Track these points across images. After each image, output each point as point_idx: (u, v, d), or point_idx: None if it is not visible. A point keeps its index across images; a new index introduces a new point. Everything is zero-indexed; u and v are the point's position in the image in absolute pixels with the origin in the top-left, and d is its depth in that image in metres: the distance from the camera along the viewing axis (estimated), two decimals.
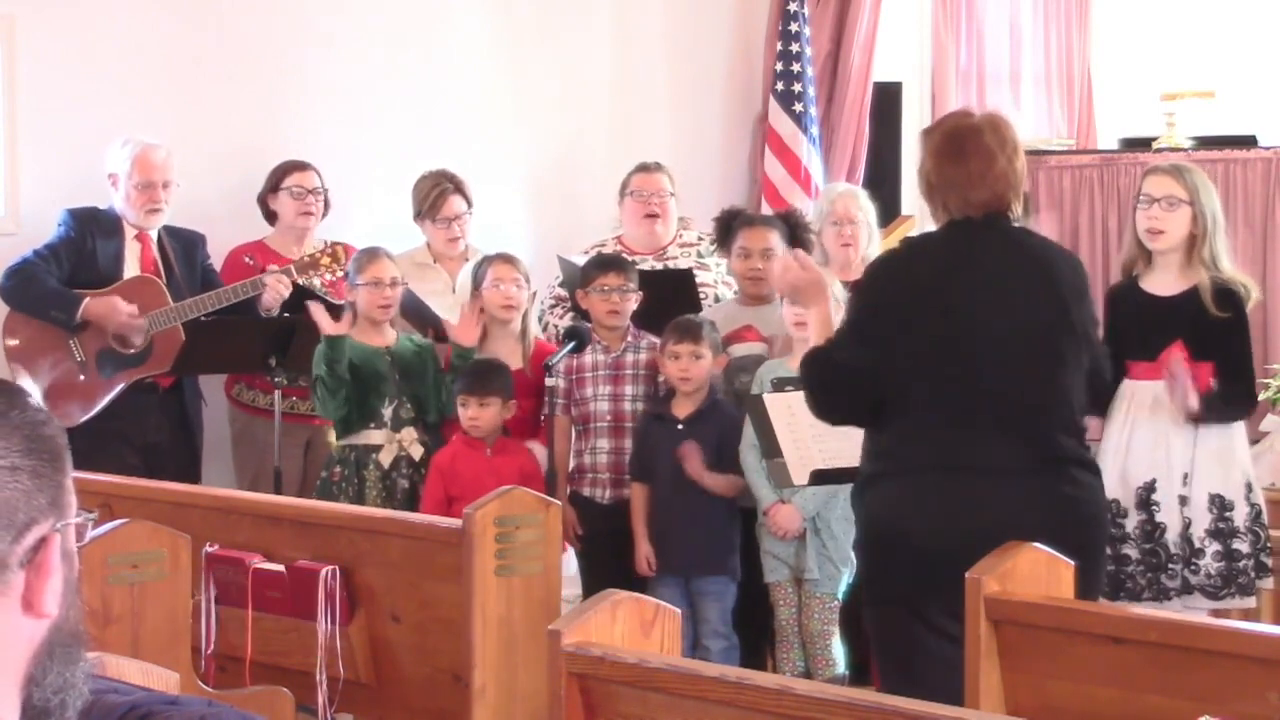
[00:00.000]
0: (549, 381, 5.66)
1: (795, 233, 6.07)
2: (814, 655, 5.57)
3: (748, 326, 5.93)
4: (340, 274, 6.28)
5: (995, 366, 4.00)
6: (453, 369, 5.84)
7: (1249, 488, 5.02)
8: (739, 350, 5.88)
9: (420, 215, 6.62)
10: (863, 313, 4.14)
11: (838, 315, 5.62)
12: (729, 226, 6.10)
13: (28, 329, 6.01)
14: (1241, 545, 4.96)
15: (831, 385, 4.14)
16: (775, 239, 5.99)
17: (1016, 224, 4.15)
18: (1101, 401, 4.80)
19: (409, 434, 5.83)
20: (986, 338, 4.00)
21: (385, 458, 5.78)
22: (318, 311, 5.78)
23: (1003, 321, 4.02)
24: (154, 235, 6.22)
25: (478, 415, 5.59)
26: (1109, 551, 4.96)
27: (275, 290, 6.10)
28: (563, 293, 6.47)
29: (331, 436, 5.94)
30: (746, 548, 5.69)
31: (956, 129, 4.15)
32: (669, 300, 5.97)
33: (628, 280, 5.86)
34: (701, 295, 6.32)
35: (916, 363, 4.00)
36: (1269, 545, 5.01)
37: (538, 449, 5.82)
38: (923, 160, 4.17)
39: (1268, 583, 5.05)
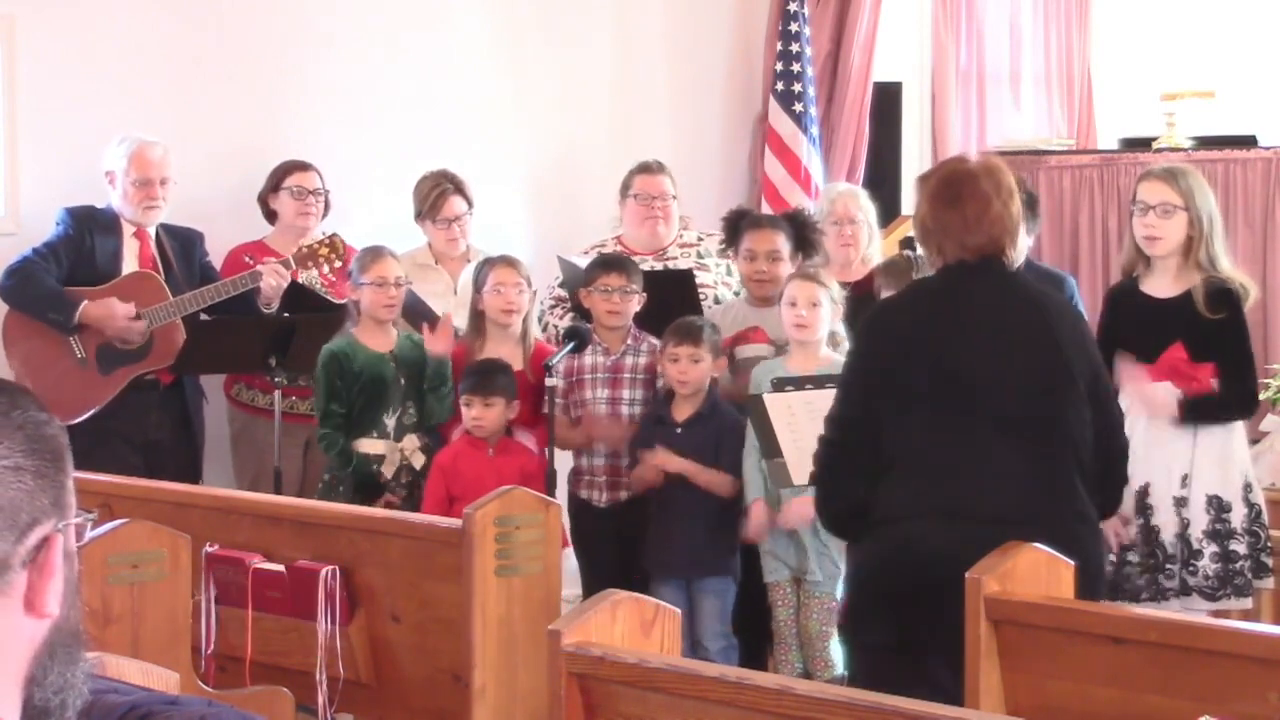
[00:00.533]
0: (549, 381, 5.66)
1: (802, 234, 6.06)
2: (813, 656, 5.57)
3: (755, 328, 5.92)
4: (338, 264, 6.28)
5: (992, 413, 3.97)
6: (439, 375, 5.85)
7: (1248, 488, 5.01)
8: (747, 352, 5.87)
9: (420, 216, 6.62)
10: (856, 374, 4.16)
11: (835, 317, 5.66)
12: (736, 227, 6.09)
13: (28, 328, 6.01)
14: (1238, 547, 4.96)
15: (838, 468, 4.14)
16: (781, 241, 5.99)
17: (1012, 269, 4.16)
18: (1115, 472, 4.24)
19: (410, 442, 5.82)
20: (982, 383, 3.98)
21: (388, 469, 5.78)
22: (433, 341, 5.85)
23: (999, 365, 4.00)
24: (152, 233, 6.22)
25: (482, 415, 5.59)
26: (1112, 557, 4.96)
27: (273, 281, 6.09)
28: (563, 293, 6.47)
29: None
30: (746, 548, 5.69)
31: (953, 174, 4.17)
32: (669, 301, 5.97)
33: (630, 281, 5.86)
34: (701, 296, 6.31)
35: (911, 410, 3.98)
36: (1269, 545, 5.00)
37: (532, 444, 5.81)
38: (919, 205, 4.18)
39: (1268, 583, 5.05)
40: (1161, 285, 5.05)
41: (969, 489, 3.93)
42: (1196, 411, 4.94)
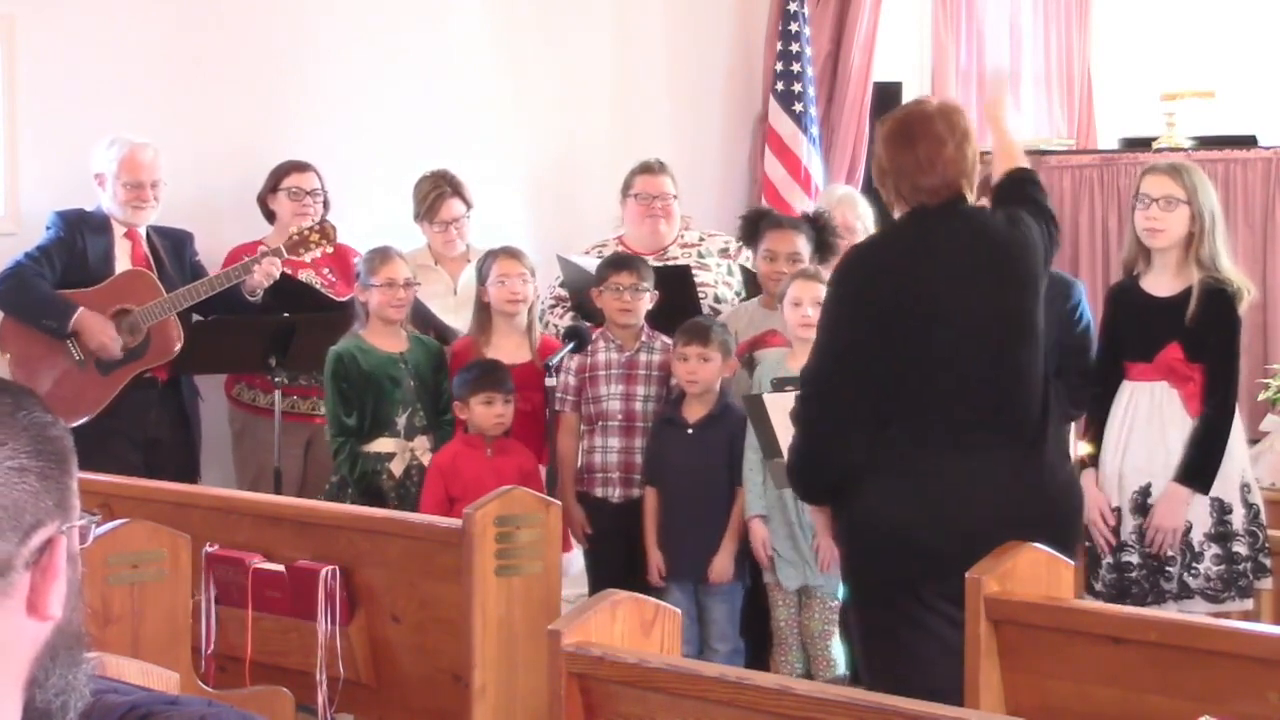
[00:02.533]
0: (549, 381, 5.66)
1: (821, 236, 6.05)
2: (815, 656, 5.57)
3: (772, 331, 5.90)
4: (329, 249, 6.28)
5: (963, 352, 4.04)
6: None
7: (1246, 488, 5.01)
8: (765, 355, 5.85)
9: (419, 217, 6.62)
10: (836, 330, 4.16)
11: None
12: (756, 227, 6.09)
13: (23, 332, 6.00)
14: (1240, 548, 4.95)
15: (827, 427, 4.15)
16: (802, 243, 5.98)
17: (971, 205, 4.20)
18: (1077, 398, 4.75)
19: (421, 443, 5.81)
20: (952, 325, 4.04)
21: (397, 467, 5.77)
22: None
23: (966, 305, 4.06)
24: (143, 233, 6.21)
25: (504, 413, 5.60)
26: (1110, 560, 4.97)
27: (265, 271, 6.09)
28: (563, 293, 6.47)
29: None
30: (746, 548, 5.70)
31: (908, 115, 4.23)
32: (667, 297, 5.97)
33: (641, 280, 5.85)
34: (701, 295, 6.31)
35: (893, 359, 4.03)
36: (1267, 546, 5.00)
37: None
38: (875, 146, 4.25)
39: (1266, 583, 5.04)
40: (1161, 283, 5.04)
41: (953, 434, 4.02)
42: (1198, 476, 4.93)
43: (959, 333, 4.05)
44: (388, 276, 5.87)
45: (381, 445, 5.80)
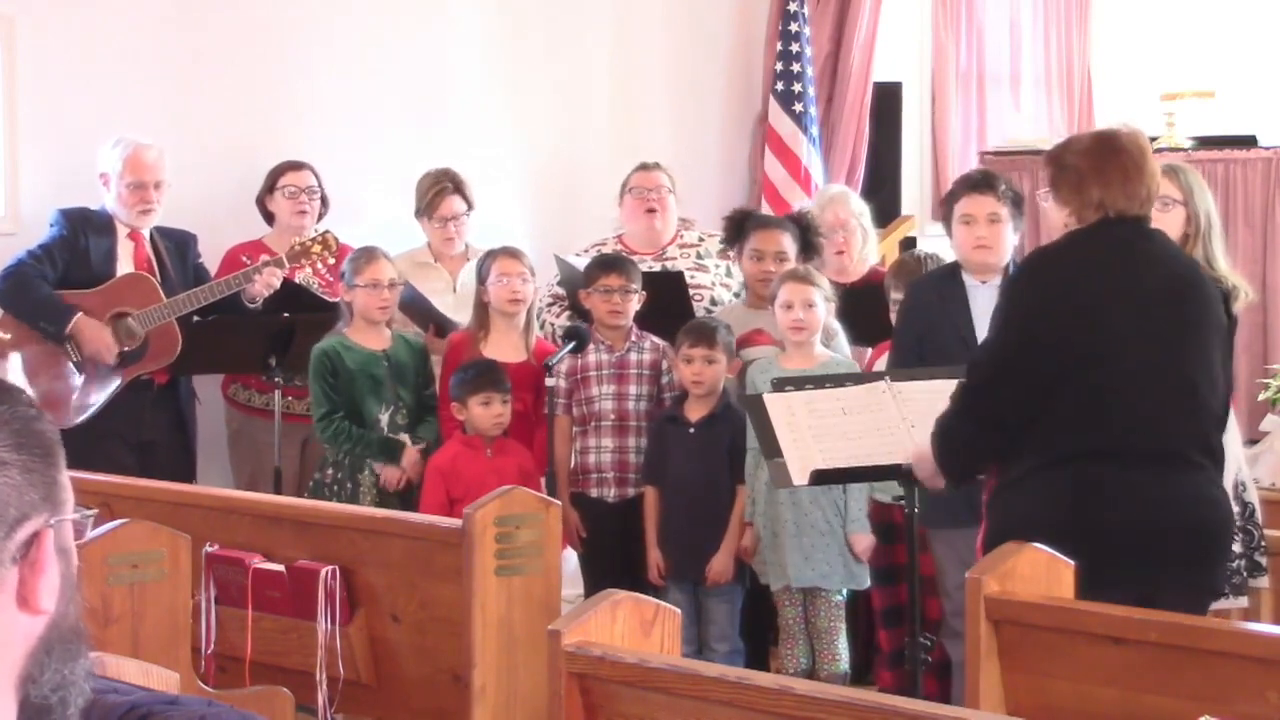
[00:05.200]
0: (549, 381, 5.66)
1: (806, 235, 6.06)
2: (820, 651, 5.58)
3: (759, 330, 5.92)
4: (331, 260, 6.28)
5: (1142, 366, 4.03)
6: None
7: (1241, 486, 5.01)
8: (752, 354, 5.86)
9: (419, 213, 6.62)
10: (1010, 347, 4.11)
11: (829, 315, 5.66)
12: (741, 227, 6.09)
13: (24, 331, 6.01)
14: (1235, 545, 4.95)
15: (977, 443, 4.15)
16: (788, 241, 5.99)
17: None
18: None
19: (404, 439, 5.83)
20: (1136, 336, 4.03)
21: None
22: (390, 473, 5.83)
23: (1150, 320, 4.05)
24: (147, 234, 6.21)
25: (503, 413, 5.60)
26: None
27: (265, 282, 6.09)
28: (560, 291, 6.48)
29: None
30: None
31: (1103, 132, 4.26)
32: (660, 300, 5.98)
33: (630, 281, 5.86)
34: (698, 298, 6.32)
35: (1067, 368, 4.00)
36: (1263, 544, 5.00)
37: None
38: (1066, 161, 4.17)
39: (1263, 581, 5.04)
40: None
41: (1115, 445, 4.00)
42: None
43: (1135, 352, 4.02)
44: (372, 277, 5.88)
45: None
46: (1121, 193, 4.10)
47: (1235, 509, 4.97)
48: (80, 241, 6.07)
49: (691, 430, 5.64)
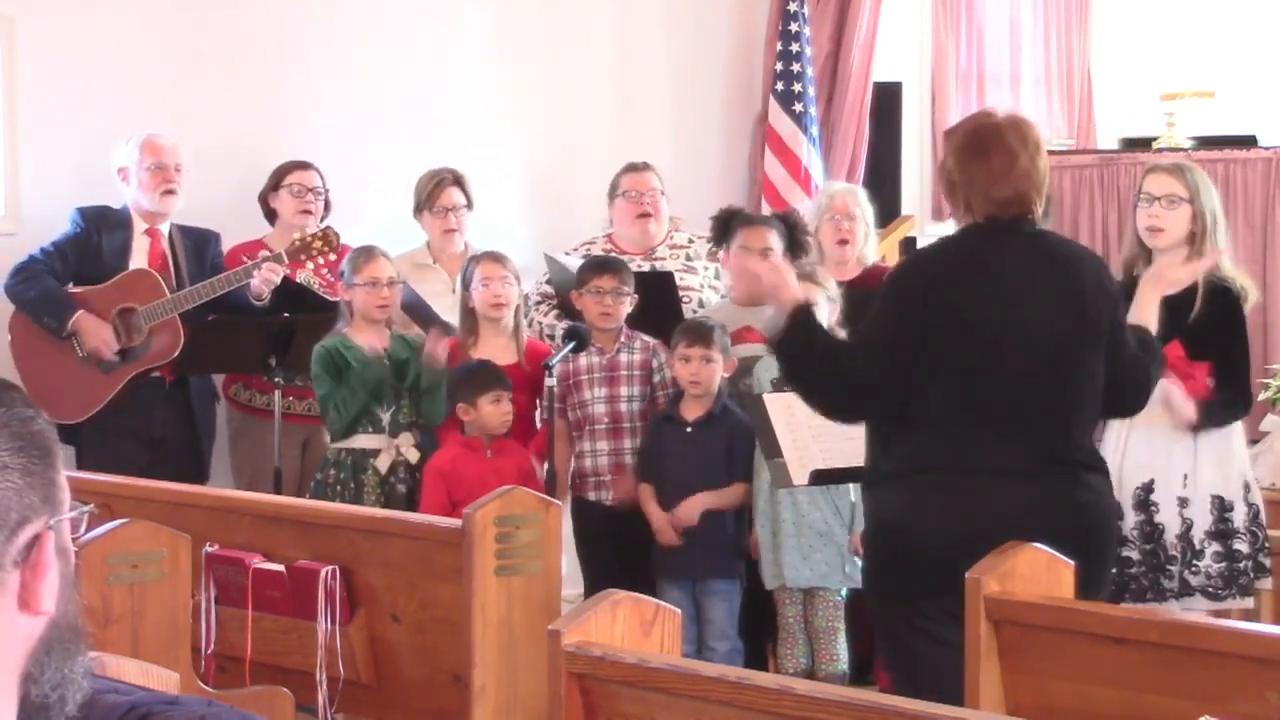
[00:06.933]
0: (549, 382, 5.66)
1: (793, 234, 6.06)
2: (819, 650, 5.58)
3: (748, 328, 5.92)
4: (332, 256, 6.29)
5: (1012, 374, 3.97)
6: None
7: (1246, 487, 5.01)
8: (742, 351, 5.87)
9: (419, 208, 6.62)
10: (879, 329, 4.08)
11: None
12: (727, 225, 6.10)
13: (31, 327, 6.05)
14: (1242, 546, 4.96)
15: (828, 387, 4.11)
16: (774, 239, 5.99)
17: (1038, 226, 4.12)
18: (1144, 391, 4.35)
19: (406, 439, 5.82)
20: (1005, 345, 3.97)
21: (382, 463, 5.78)
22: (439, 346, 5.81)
23: (1020, 327, 3.99)
24: (165, 230, 6.23)
25: (510, 410, 5.61)
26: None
27: (265, 277, 6.09)
28: (549, 290, 6.48)
29: (327, 438, 5.93)
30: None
31: (979, 127, 4.14)
32: (649, 301, 5.97)
33: (622, 284, 5.87)
34: (686, 299, 6.32)
35: (933, 369, 3.97)
36: (1267, 545, 5.00)
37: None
38: (945, 159, 4.16)
39: (1266, 583, 5.04)
40: None
41: (985, 445, 3.96)
42: (1211, 417, 4.93)
43: (1008, 354, 3.97)
44: (371, 276, 5.88)
45: (366, 442, 5.80)
46: (984, 197, 4.03)
47: (1242, 509, 4.97)
48: (93, 238, 6.10)
49: (689, 430, 5.65)
